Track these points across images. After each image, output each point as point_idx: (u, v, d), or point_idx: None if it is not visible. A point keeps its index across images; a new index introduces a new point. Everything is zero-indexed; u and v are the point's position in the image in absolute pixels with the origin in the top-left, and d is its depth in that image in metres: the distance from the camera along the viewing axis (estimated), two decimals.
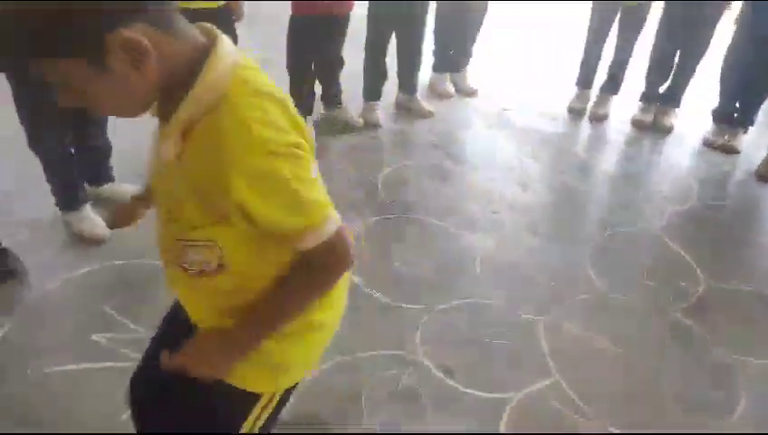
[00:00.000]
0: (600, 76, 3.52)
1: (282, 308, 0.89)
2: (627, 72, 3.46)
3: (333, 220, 0.83)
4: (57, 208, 2.23)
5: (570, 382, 1.81)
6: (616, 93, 3.52)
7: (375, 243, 2.35)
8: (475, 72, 3.77)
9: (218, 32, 0.80)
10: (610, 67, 3.45)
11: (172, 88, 0.76)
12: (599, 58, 3.45)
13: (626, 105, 3.54)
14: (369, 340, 1.89)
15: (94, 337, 1.81)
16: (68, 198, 2.19)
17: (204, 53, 0.76)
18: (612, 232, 2.52)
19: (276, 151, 0.76)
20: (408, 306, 2.04)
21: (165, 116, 0.80)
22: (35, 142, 2.06)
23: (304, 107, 2.98)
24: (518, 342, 1.94)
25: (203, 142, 0.76)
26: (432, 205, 2.61)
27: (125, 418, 1.41)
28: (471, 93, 3.66)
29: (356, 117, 3.21)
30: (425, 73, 3.55)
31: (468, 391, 1.76)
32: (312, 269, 0.86)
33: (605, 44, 3.39)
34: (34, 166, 2.13)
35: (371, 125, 3.22)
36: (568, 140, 3.31)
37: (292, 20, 2.82)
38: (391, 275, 2.18)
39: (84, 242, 2.18)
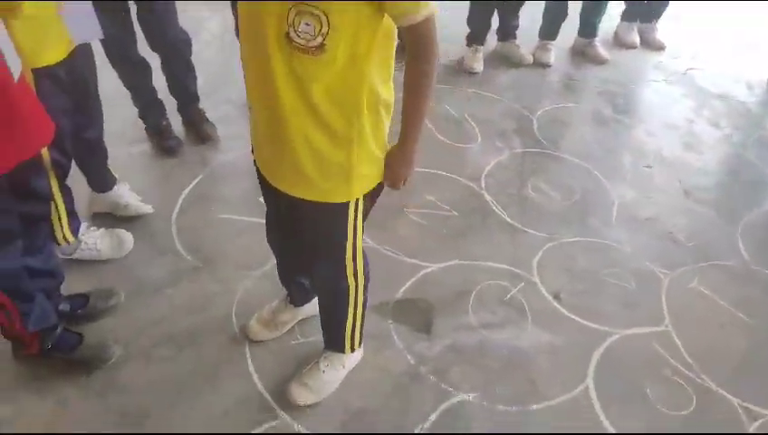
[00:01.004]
0: None
1: (422, 106, 1.12)
2: None
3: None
4: None
5: (682, 336, 1.80)
6: None
7: (513, 171, 2.43)
8: (667, 26, 3.52)
9: None
10: None
11: None
12: None
13: None
14: (489, 252, 2.03)
15: (260, 199, 2.16)
16: None
17: None
18: None
19: None
20: (534, 232, 2.13)
21: None
22: None
23: (480, 36, 3.09)
24: (637, 288, 1.95)
25: None
26: (581, 148, 2.59)
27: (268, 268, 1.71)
28: (658, 47, 3.43)
29: (527, 54, 3.21)
30: (611, 20, 3.40)
31: (572, 316, 1.83)
32: (421, 59, 1.06)
33: None
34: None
35: (542, 64, 3.20)
36: (759, 112, 3.01)
37: None
38: (524, 202, 2.26)
39: None
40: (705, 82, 3.16)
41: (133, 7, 2.11)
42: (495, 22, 3.16)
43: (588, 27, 3.26)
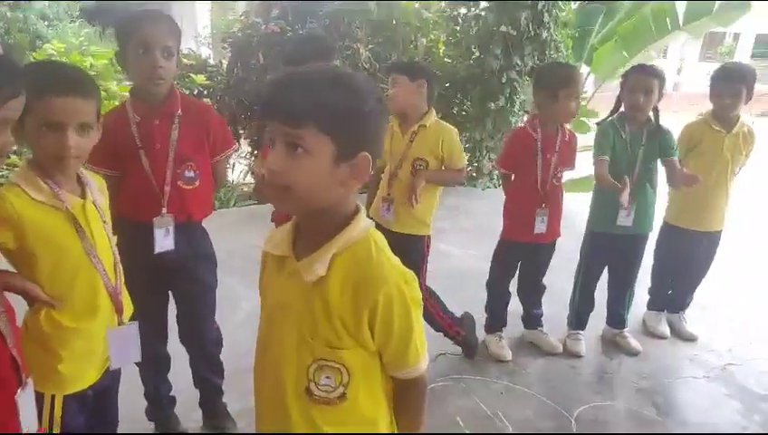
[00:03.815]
0: None
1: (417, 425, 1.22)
2: None
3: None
4: None
5: None
6: None
7: None
8: (695, 315, 3.53)
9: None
10: None
11: (322, 218, 1.07)
12: None
13: None
14: None
15: None
16: None
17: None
18: None
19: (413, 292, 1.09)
20: None
21: (307, 242, 1.09)
22: None
23: (500, 323, 3.13)
24: None
25: (347, 264, 1.05)
26: None
27: None
28: (689, 338, 3.39)
29: (557, 342, 3.19)
30: (639, 309, 3.44)
31: None
32: (417, 392, 1.20)
33: None
34: None
35: (572, 354, 3.15)
36: None
37: (501, 242, 3.06)
38: None
39: None
40: (749, 380, 3.03)
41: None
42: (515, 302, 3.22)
43: (616, 317, 3.29)
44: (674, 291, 3.46)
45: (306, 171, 0.99)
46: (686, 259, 3.34)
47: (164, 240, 1.98)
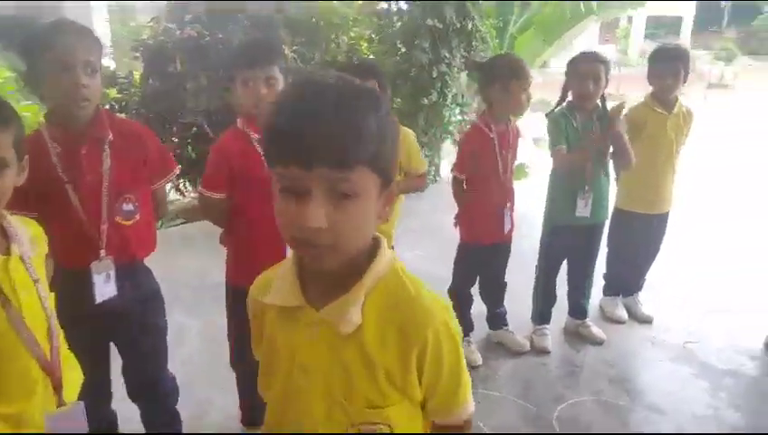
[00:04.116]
0: None
1: None
2: None
3: None
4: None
5: None
6: None
7: None
8: (648, 297, 3.59)
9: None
10: None
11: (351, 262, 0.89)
12: None
13: None
14: None
15: None
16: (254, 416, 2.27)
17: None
18: None
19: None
20: None
21: (323, 285, 0.91)
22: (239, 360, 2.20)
23: (467, 328, 3.02)
24: None
25: (380, 303, 0.90)
26: None
27: None
28: (646, 320, 3.44)
29: (524, 340, 3.13)
30: (594, 295, 3.45)
31: None
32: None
33: None
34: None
35: (540, 350, 3.10)
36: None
37: (463, 247, 2.95)
38: None
39: None
40: (710, 357, 3.09)
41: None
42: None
43: (577, 308, 3.27)
44: (628, 274, 3.50)
45: (355, 219, 0.83)
46: (639, 242, 3.38)
47: (105, 287, 1.71)
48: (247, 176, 1.90)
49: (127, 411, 2.06)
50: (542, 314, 3.20)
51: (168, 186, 6.03)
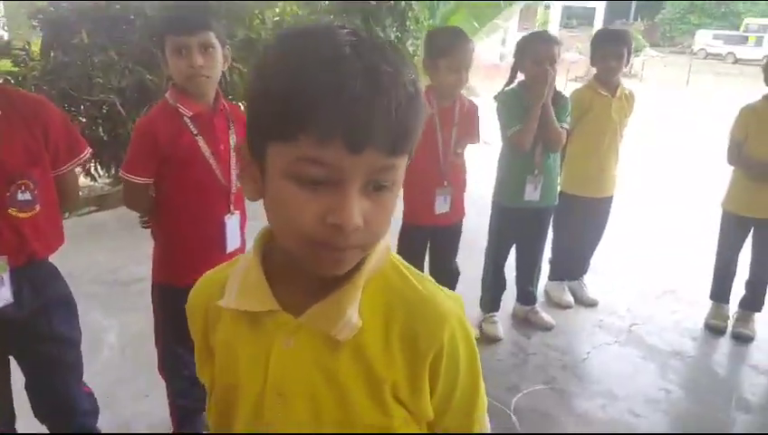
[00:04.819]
0: (739, 290, 3.21)
1: None
2: None
3: None
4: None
5: None
6: (758, 310, 3.18)
7: None
8: (595, 280, 3.57)
9: None
10: (748, 282, 3.16)
11: None
12: (734, 271, 3.18)
13: None
14: None
15: None
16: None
17: None
18: None
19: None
20: None
21: (299, 285, 0.70)
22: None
23: None
24: None
25: (378, 301, 0.71)
26: None
27: None
28: (591, 304, 3.41)
29: (474, 329, 3.00)
30: (541, 281, 3.38)
31: None
32: None
33: (740, 255, 3.15)
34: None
35: (491, 338, 2.99)
36: (711, 364, 2.93)
37: (403, 227, 2.75)
38: None
39: None
40: (655, 339, 3.09)
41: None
42: None
43: (526, 294, 3.19)
44: (573, 258, 3.45)
45: (389, 213, 0.67)
46: (584, 226, 3.33)
47: None
48: (178, 158, 1.63)
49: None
50: (492, 301, 3.09)
51: (78, 169, 5.50)
